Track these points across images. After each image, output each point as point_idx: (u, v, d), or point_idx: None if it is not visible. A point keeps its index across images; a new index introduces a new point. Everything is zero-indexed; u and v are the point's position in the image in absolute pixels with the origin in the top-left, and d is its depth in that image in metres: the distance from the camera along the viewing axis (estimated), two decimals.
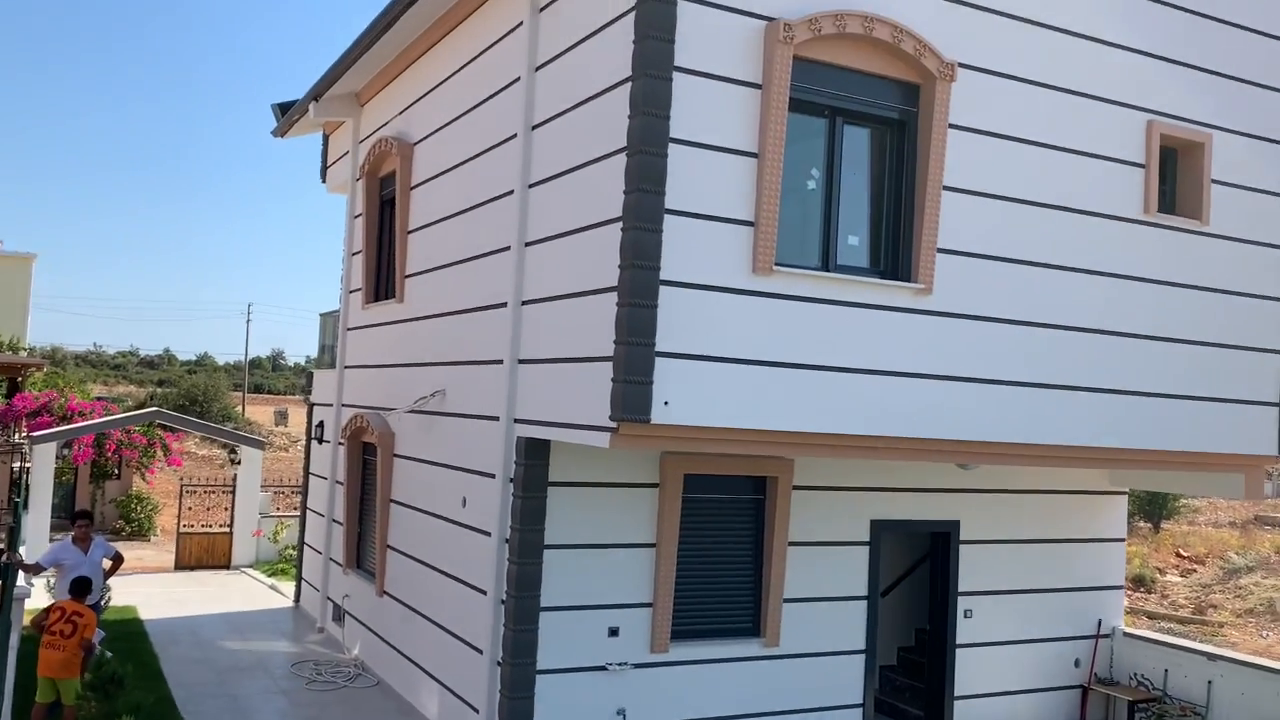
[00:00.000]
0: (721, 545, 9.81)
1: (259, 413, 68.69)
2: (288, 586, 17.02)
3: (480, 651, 9.25)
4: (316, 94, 14.12)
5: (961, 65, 8.54)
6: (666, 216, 7.46)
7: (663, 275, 7.45)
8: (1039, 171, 9.02)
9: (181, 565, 18.99)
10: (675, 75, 7.49)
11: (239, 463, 19.85)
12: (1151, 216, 9.59)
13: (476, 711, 9.26)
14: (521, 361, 9.16)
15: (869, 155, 8.61)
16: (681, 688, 9.47)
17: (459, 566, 10.03)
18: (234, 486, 19.78)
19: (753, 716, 9.83)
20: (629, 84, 7.55)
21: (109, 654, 10.61)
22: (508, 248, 9.40)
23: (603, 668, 9.16)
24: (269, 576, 18.19)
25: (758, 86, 7.79)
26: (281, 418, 67.77)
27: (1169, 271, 9.72)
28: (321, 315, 16.16)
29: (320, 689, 11.55)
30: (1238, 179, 10.07)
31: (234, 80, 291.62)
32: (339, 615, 13.55)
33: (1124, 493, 12.13)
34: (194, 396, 49.87)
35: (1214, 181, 9.92)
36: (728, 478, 9.69)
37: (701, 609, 9.68)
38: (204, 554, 19.25)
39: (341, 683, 11.77)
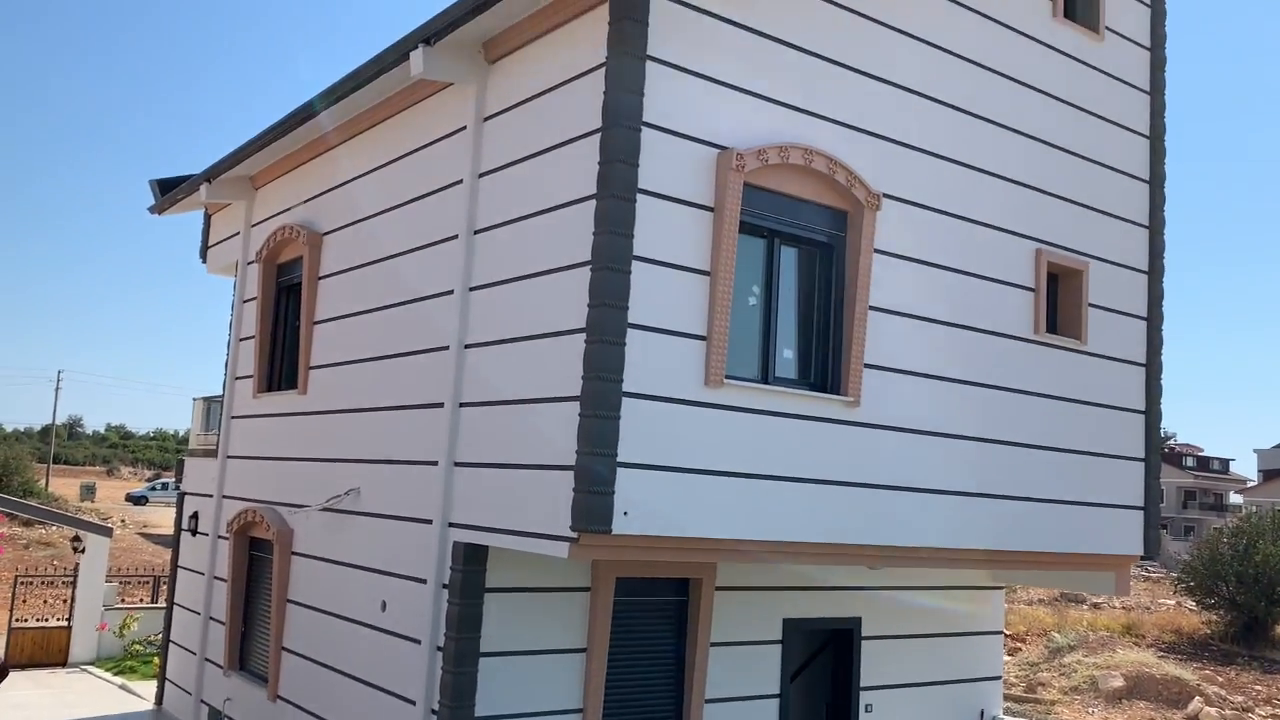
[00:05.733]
0: (647, 647, 9.92)
1: (63, 486, 64.13)
2: (141, 686, 15.93)
3: None
4: (210, 176, 13.75)
5: (885, 195, 9.22)
6: (629, 330, 7.71)
7: (624, 387, 7.67)
8: (948, 293, 9.75)
9: (11, 663, 17.48)
10: (638, 197, 7.81)
11: (83, 550, 18.53)
12: (1040, 336, 10.48)
13: None
14: (458, 464, 9.12)
15: (801, 274, 9.13)
16: None
17: (378, 674, 9.75)
18: (74, 577, 18.45)
19: None
20: (592, 202, 7.81)
21: None
22: (446, 347, 9.39)
23: None
24: (116, 675, 16.96)
25: (710, 209, 8.20)
26: (88, 492, 63.47)
27: (1053, 386, 10.61)
28: (196, 400, 15.47)
29: None
30: (1109, 303, 11.13)
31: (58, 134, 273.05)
32: None
33: (1002, 588, 12.94)
34: None
35: (1091, 305, 10.93)
36: (655, 580, 9.84)
37: (628, 713, 9.72)
38: (38, 650, 17.79)
39: None
